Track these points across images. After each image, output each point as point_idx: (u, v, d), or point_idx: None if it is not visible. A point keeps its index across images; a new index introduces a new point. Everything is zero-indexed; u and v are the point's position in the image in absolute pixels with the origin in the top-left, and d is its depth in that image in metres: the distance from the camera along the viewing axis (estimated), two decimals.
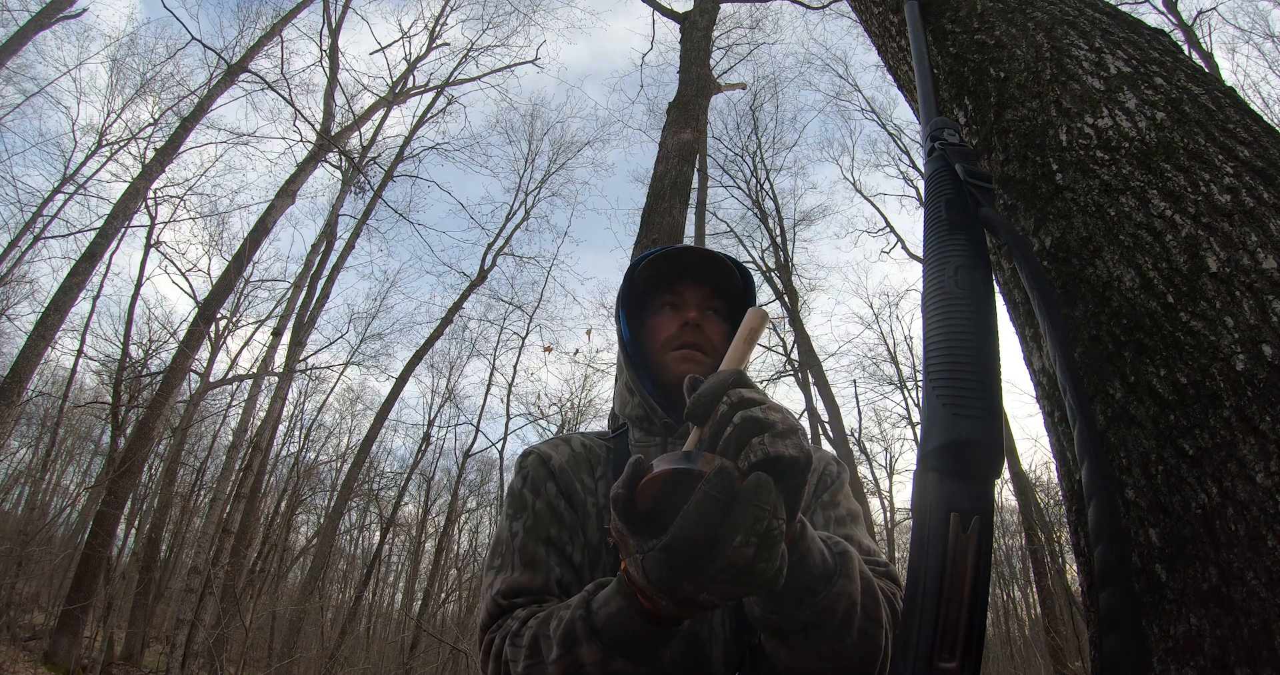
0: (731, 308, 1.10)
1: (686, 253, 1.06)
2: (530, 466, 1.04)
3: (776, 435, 0.59)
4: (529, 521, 0.97)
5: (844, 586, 0.69)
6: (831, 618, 0.69)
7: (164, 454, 15.08)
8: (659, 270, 1.08)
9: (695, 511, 0.56)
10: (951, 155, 0.83)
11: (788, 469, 0.58)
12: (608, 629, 0.68)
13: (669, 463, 0.59)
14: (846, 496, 1.03)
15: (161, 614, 15.26)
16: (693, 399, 0.64)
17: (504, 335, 18.63)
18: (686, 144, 5.69)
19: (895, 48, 1.42)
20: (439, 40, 16.94)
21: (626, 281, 1.11)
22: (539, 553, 0.93)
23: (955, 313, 0.65)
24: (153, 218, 14.06)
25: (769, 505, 0.56)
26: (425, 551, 21.05)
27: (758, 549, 0.57)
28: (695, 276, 1.07)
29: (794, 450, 0.59)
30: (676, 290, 1.07)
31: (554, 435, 1.14)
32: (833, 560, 0.71)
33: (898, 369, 19.11)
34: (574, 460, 1.04)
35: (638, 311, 1.11)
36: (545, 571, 0.91)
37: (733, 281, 1.08)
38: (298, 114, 11.89)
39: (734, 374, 0.65)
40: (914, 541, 0.55)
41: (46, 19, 10.59)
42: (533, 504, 0.98)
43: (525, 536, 0.95)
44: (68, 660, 8.74)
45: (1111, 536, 0.53)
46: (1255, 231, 0.70)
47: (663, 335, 1.05)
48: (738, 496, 0.56)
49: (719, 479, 0.56)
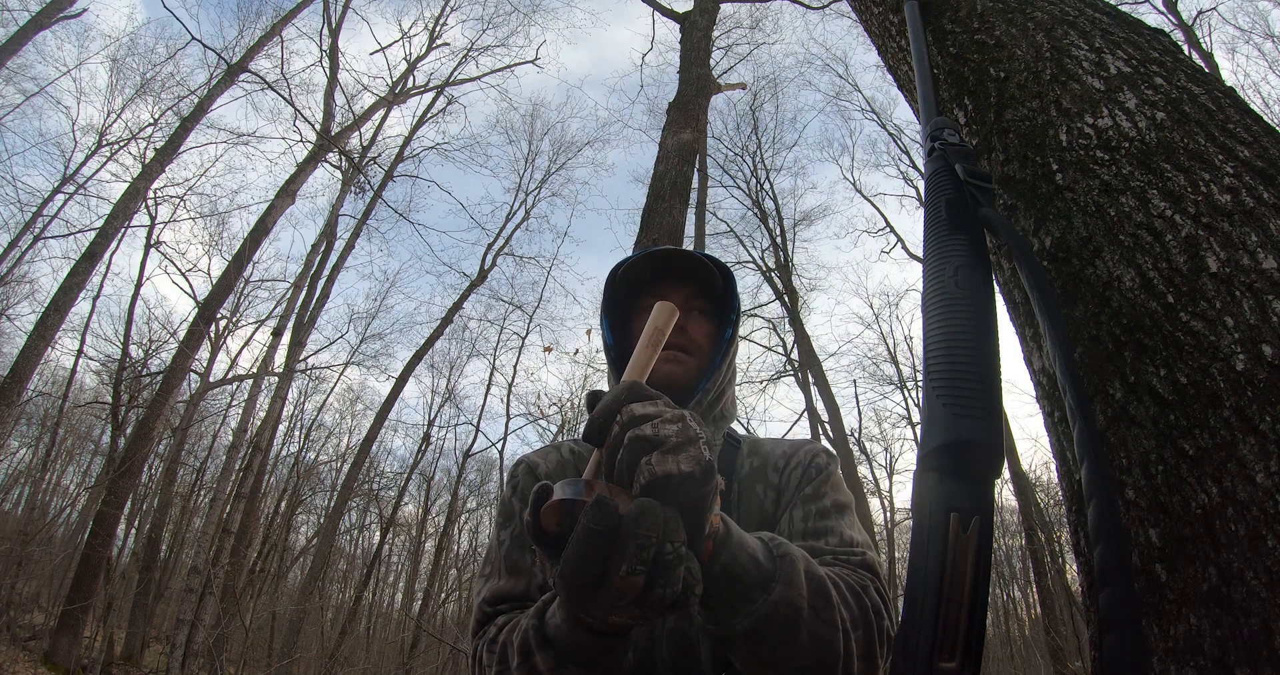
0: (716, 307, 1.11)
1: (667, 255, 1.08)
2: (519, 475, 1.06)
3: (667, 451, 0.57)
4: (516, 530, 0.99)
5: (783, 593, 0.67)
6: (771, 625, 0.67)
7: (164, 454, 15.08)
8: (640, 273, 1.09)
9: (577, 545, 0.55)
10: (951, 155, 0.83)
11: (679, 487, 0.56)
12: (557, 640, 0.68)
13: (561, 492, 0.58)
14: (834, 487, 1.02)
15: (161, 614, 15.26)
16: (589, 420, 0.62)
17: (504, 335, 18.63)
18: (686, 144, 5.69)
19: (895, 48, 1.42)
20: (439, 40, 16.96)
21: (609, 286, 1.12)
22: (523, 560, 0.95)
23: (955, 313, 0.65)
24: (153, 218, 14.07)
25: (655, 532, 0.54)
26: (425, 551, 21.07)
27: (650, 577, 0.55)
28: (677, 277, 1.08)
29: (687, 465, 0.56)
30: (659, 292, 1.08)
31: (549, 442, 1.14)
32: (770, 565, 0.68)
33: (898, 369, 19.12)
34: (561, 467, 1.07)
35: (623, 316, 1.12)
36: (528, 578, 0.93)
37: (714, 281, 1.09)
38: (298, 114, 11.89)
39: (627, 388, 0.63)
40: (914, 541, 0.55)
41: (46, 19, 10.59)
42: (520, 513, 1.00)
43: (511, 545, 0.97)
44: (68, 660, 8.74)
45: (1111, 536, 0.53)
46: (1255, 231, 0.70)
47: None
48: (621, 525, 0.54)
49: (596, 511, 0.54)
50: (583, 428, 0.63)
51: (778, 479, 1.04)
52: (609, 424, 0.61)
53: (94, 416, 18.76)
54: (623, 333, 1.11)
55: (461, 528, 22.36)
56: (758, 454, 1.09)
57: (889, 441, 21.71)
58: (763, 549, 0.69)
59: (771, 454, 1.08)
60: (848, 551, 0.89)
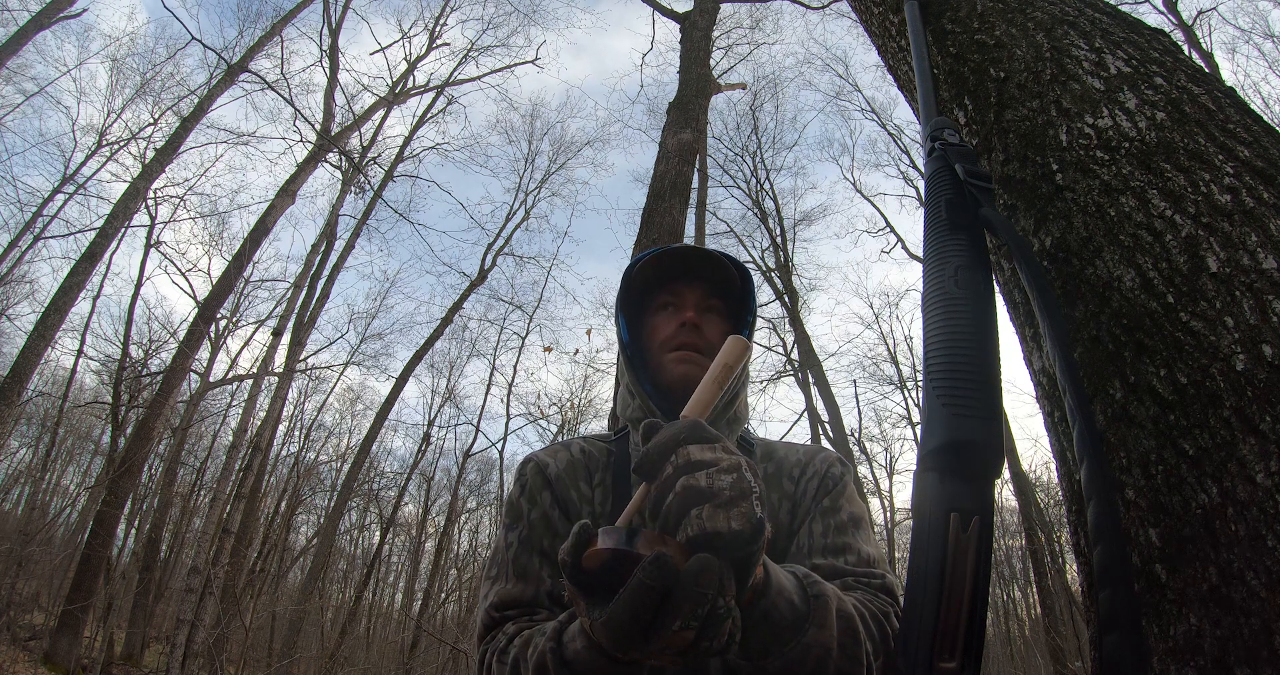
0: (731, 307, 1.09)
1: (684, 252, 1.06)
2: (528, 474, 1.03)
3: (719, 506, 0.56)
4: (524, 532, 0.97)
5: (815, 636, 0.68)
6: (802, 666, 0.67)
7: (164, 454, 15.09)
8: (656, 270, 1.07)
9: (631, 599, 0.55)
10: (952, 155, 0.83)
11: (727, 545, 0.56)
12: (575, 664, 0.68)
13: (610, 540, 0.58)
14: (850, 499, 1.01)
15: (161, 614, 15.25)
16: (641, 454, 0.61)
17: (504, 335, 18.62)
18: (686, 144, 5.69)
19: (895, 48, 1.42)
20: (439, 41, 16.96)
21: (625, 283, 1.10)
22: (532, 564, 0.94)
23: (955, 313, 0.65)
24: (153, 218, 14.05)
25: (711, 589, 0.54)
26: (425, 551, 21.06)
27: (700, 631, 0.55)
28: (693, 276, 1.07)
29: (738, 523, 0.56)
30: (674, 290, 1.06)
31: (556, 440, 1.11)
32: (804, 606, 0.69)
33: (898, 369, 19.10)
34: (571, 468, 1.03)
35: (637, 313, 1.10)
36: (536, 583, 0.92)
37: (731, 280, 1.07)
38: (298, 114, 11.88)
39: (688, 429, 0.62)
40: (914, 541, 0.55)
41: (46, 19, 10.59)
42: (528, 514, 0.99)
43: (519, 548, 0.96)
44: (68, 660, 8.74)
45: (1111, 536, 0.53)
46: (1255, 231, 0.70)
47: (661, 336, 1.04)
48: (678, 583, 0.54)
49: (655, 568, 0.54)
50: (635, 458, 0.62)
51: (793, 488, 1.02)
52: (662, 462, 0.60)
53: (94, 416, 18.76)
54: (638, 329, 1.09)
55: (461, 528, 22.35)
56: (772, 459, 1.07)
57: (889, 441, 21.72)
58: (798, 589, 0.70)
59: (786, 460, 1.06)
60: (868, 573, 0.88)
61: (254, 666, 11.87)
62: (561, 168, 19.01)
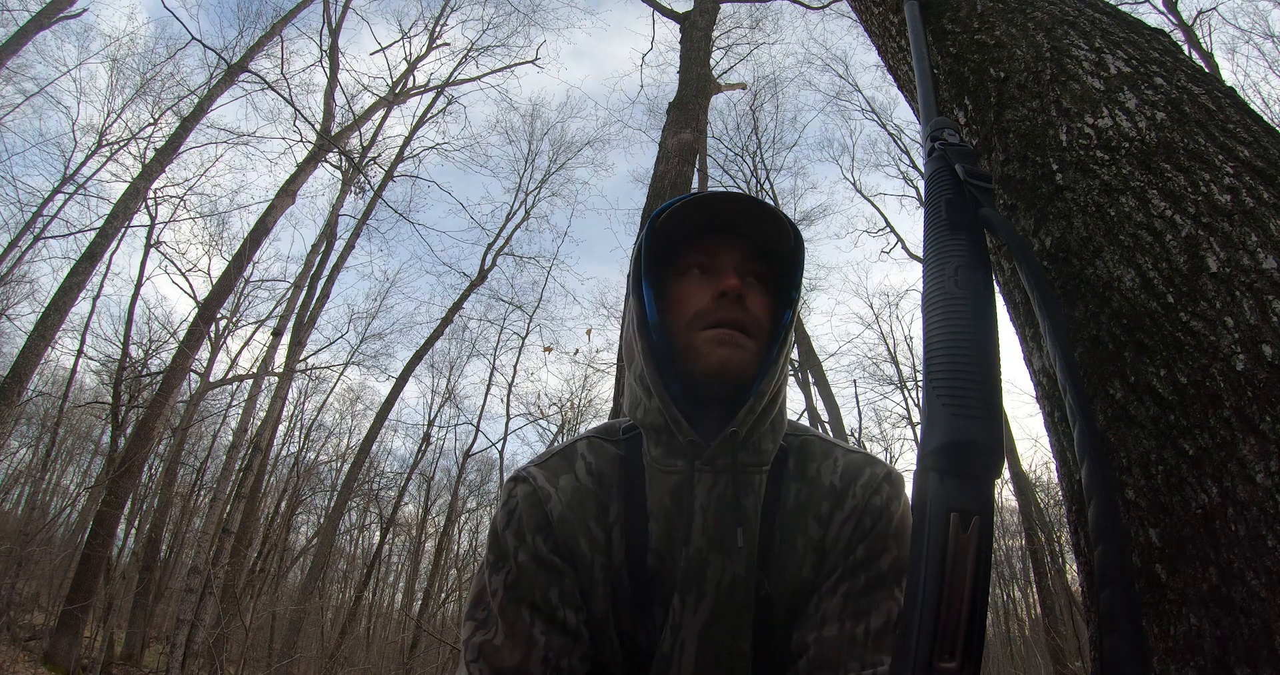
0: (775, 273, 0.87)
1: (723, 199, 0.83)
2: (520, 501, 0.85)
3: None
4: (510, 577, 0.83)
5: None
6: None
7: (164, 454, 15.09)
8: (685, 223, 0.84)
9: None
10: (951, 155, 0.83)
11: None
12: None
13: None
14: (896, 538, 0.82)
15: (161, 614, 15.24)
16: None
17: (504, 335, 18.62)
18: (686, 144, 5.69)
19: (895, 48, 1.42)
20: (439, 41, 16.95)
21: (646, 240, 0.84)
22: (520, 619, 0.82)
23: (955, 313, 0.65)
24: (153, 218, 14.06)
25: None
26: (425, 551, 21.08)
27: None
28: (734, 231, 0.84)
29: None
30: (708, 248, 0.84)
31: (557, 448, 0.92)
32: None
33: (898, 369, 19.11)
34: (579, 501, 0.85)
35: (657, 280, 0.87)
36: (527, 646, 0.81)
37: (782, 237, 0.84)
38: (298, 114, 11.89)
39: None
40: (914, 542, 0.55)
41: (46, 19, 10.59)
42: (515, 553, 0.83)
43: (505, 596, 0.83)
44: (68, 660, 8.74)
45: (1111, 536, 0.53)
46: (1255, 231, 0.70)
47: (691, 309, 0.82)
48: None
49: None
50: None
51: (820, 533, 0.84)
52: None
53: (94, 416, 18.76)
54: (660, 302, 0.86)
55: (461, 528, 22.34)
56: (804, 478, 0.87)
57: (889, 441, 21.69)
58: None
59: (819, 483, 0.86)
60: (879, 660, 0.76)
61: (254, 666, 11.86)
62: (561, 168, 19.03)
